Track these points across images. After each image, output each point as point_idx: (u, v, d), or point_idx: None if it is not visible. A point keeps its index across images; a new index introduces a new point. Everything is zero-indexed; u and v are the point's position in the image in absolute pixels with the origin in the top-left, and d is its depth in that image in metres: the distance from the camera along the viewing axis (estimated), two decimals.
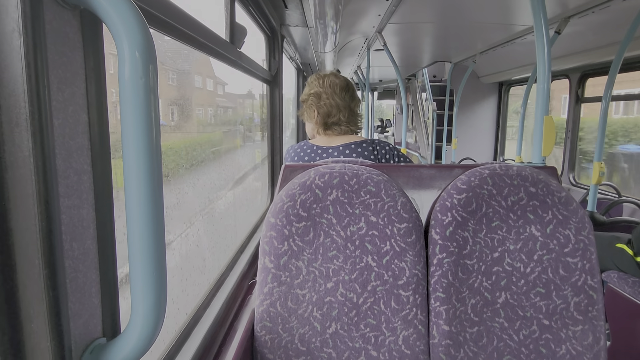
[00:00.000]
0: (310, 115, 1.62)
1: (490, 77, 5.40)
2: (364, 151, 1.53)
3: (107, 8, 0.45)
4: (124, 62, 0.46)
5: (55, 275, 0.45)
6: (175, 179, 1.27)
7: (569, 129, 3.89)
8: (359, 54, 4.55)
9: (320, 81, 1.60)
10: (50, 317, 0.44)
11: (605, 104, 2.50)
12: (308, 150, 1.55)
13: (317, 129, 1.62)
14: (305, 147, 1.57)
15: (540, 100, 1.46)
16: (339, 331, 1.04)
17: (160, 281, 0.50)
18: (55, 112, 0.45)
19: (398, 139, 8.01)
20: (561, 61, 3.61)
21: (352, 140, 1.56)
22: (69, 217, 0.48)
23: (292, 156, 1.57)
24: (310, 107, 1.61)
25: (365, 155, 1.53)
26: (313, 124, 1.62)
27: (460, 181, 1.09)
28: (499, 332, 1.06)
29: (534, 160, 1.46)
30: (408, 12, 2.73)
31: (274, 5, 1.94)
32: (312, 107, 1.60)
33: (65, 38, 0.47)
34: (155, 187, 0.48)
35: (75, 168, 0.49)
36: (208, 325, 1.02)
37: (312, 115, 1.60)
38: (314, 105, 1.59)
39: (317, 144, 1.57)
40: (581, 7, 2.45)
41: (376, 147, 1.56)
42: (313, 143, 1.58)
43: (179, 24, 0.88)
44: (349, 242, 1.04)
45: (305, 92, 1.64)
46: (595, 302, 1.07)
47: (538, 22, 1.42)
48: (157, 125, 0.48)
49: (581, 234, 1.07)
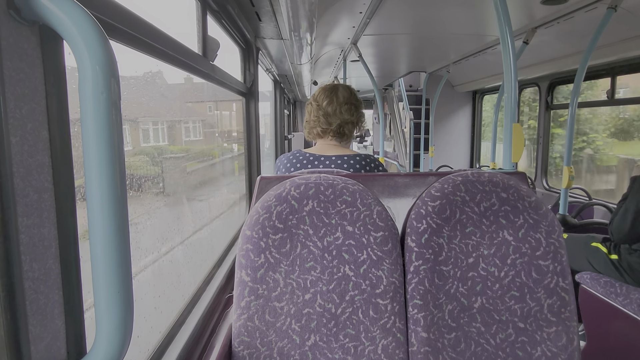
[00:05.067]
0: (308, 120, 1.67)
1: (464, 86, 5.54)
2: (357, 164, 1.55)
3: (65, 23, 0.44)
4: (85, 77, 0.45)
5: (14, 298, 0.43)
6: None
7: (540, 135, 4.01)
8: (335, 65, 4.61)
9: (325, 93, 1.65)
10: (8, 342, 0.43)
11: (572, 110, 2.59)
12: (300, 158, 1.57)
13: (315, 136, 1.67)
14: (298, 155, 1.59)
15: (508, 108, 1.50)
16: (318, 343, 1.03)
17: (126, 298, 0.49)
18: (12, 130, 0.44)
19: (377, 149, 8.10)
20: (531, 70, 3.74)
21: (346, 153, 1.59)
22: (28, 236, 0.46)
23: (285, 163, 1.59)
24: (309, 113, 1.66)
25: (357, 168, 1.55)
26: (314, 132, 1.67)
27: (434, 189, 1.10)
28: (476, 337, 1.07)
29: (504, 167, 1.50)
30: (382, 24, 2.79)
31: (248, 18, 1.95)
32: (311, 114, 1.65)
33: (23, 54, 0.46)
34: (119, 203, 0.47)
35: (35, 186, 0.47)
36: (183, 343, 1.00)
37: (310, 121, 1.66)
38: (313, 112, 1.64)
39: (310, 152, 1.59)
40: (547, 17, 2.55)
41: (370, 163, 1.59)
42: (307, 151, 1.60)
43: (146, 37, 0.87)
44: (326, 253, 1.04)
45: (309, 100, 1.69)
46: (567, 303, 1.09)
47: (504, 33, 1.47)
48: (119, 140, 0.47)
49: (551, 237, 1.10)
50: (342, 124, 1.61)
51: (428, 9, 2.51)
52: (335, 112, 1.60)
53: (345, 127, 1.63)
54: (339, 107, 1.60)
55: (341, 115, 1.60)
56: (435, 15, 2.62)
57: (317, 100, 1.64)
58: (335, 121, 1.60)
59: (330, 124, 1.60)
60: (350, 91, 1.66)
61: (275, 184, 1.10)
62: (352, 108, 1.63)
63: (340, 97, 1.62)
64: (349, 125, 1.63)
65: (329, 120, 1.60)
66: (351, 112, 1.63)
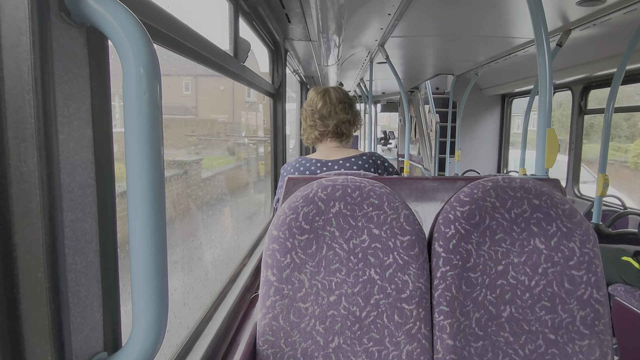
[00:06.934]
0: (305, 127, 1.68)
1: (493, 90, 5.41)
2: (365, 164, 1.56)
3: (113, 25, 0.46)
4: (129, 77, 0.46)
5: (58, 289, 0.45)
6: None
7: (573, 141, 3.88)
8: (361, 67, 4.59)
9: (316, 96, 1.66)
10: (52, 331, 0.44)
11: (608, 116, 2.50)
12: (307, 164, 1.57)
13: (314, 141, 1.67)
14: (304, 162, 1.58)
15: (542, 113, 1.46)
16: (342, 345, 1.03)
17: (162, 295, 0.50)
18: (60, 127, 0.46)
19: (401, 151, 8.02)
20: (563, 73, 3.62)
21: (352, 154, 1.60)
22: (72, 230, 0.48)
23: (292, 172, 1.58)
24: (305, 119, 1.67)
25: (366, 167, 1.55)
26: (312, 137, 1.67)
27: (463, 193, 1.08)
28: (504, 347, 1.04)
29: (536, 172, 1.46)
30: (410, 25, 2.76)
31: (278, 20, 1.97)
32: (307, 120, 1.66)
33: (72, 55, 0.48)
34: (158, 201, 0.48)
35: (79, 182, 0.49)
36: (210, 339, 1.01)
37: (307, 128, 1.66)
38: (309, 118, 1.65)
39: (316, 158, 1.59)
40: (582, 20, 2.47)
41: (376, 160, 1.60)
42: (312, 157, 1.60)
43: (184, 40, 0.89)
44: (351, 255, 1.04)
45: (304, 106, 1.70)
46: (601, 316, 1.05)
47: (539, 34, 1.43)
48: (160, 139, 0.48)
49: (586, 247, 1.06)
50: (339, 123, 1.62)
51: (458, 10, 2.47)
52: (331, 112, 1.61)
53: (342, 127, 1.64)
54: (333, 108, 1.61)
55: (337, 115, 1.62)
56: (465, 16, 2.58)
57: (310, 105, 1.65)
58: (332, 122, 1.62)
59: (327, 125, 1.62)
60: (341, 91, 1.68)
61: (303, 184, 1.11)
62: (346, 107, 1.65)
63: (333, 97, 1.63)
64: (346, 124, 1.65)
65: (326, 122, 1.62)
66: (346, 111, 1.64)
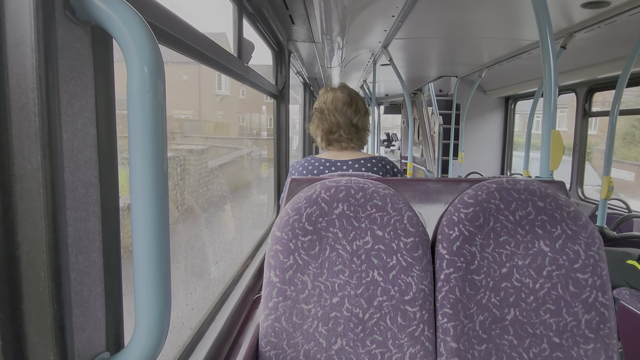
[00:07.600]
0: (314, 130, 1.66)
1: (497, 92, 5.40)
2: (374, 167, 1.55)
3: (117, 24, 0.46)
4: (133, 76, 0.46)
5: (61, 289, 0.45)
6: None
7: (577, 144, 3.87)
8: (365, 69, 4.59)
9: (324, 96, 1.64)
10: (54, 331, 0.44)
11: (613, 118, 2.48)
12: (316, 164, 1.56)
13: (322, 143, 1.65)
14: (312, 161, 1.58)
15: (547, 115, 1.45)
16: (345, 347, 1.02)
17: (165, 295, 0.50)
18: (64, 126, 0.46)
19: (405, 153, 8.01)
20: (568, 75, 3.61)
21: (361, 156, 1.58)
22: (75, 229, 0.48)
23: (300, 171, 1.58)
24: (313, 122, 1.65)
25: (374, 171, 1.54)
26: (319, 138, 1.65)
27: (467, 195, 1.08)
28: (508, 350, 1.04)
29: (541, 175, 1.45)
30: (414, 27, 2.76)
31: (281, 21, 1.97)
32: (315, 122, 1.63)
33: (77, 53, 0.48)
34: (161, 201, 0.48)
35: (82, 181, 0.49)
36: (212, 341, 1.01)
37: (316, 131, 1.64)
38: (317, 119, 1.62)
39: (325, 158, 1.58)
40: (587, 22, 2.46)
41: (386, 165, 1.58)
42: (321, 157, 1.59)
43: (188, 40, 0.89)
44: (354, 257, 1.03)
45: (314, 106, 1.68)
46: (607, 319, 1.04)
47: (544, 36, 1.42)
48: (164, 138, 0.48)
49: (591, 250, 1.05)
50: (350, 124, 1.60)
51: (462, 12, 2.46)
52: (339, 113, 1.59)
53: (353, 128, 1.61)
54: (343, 108, 1.59)
55: (346, 116, 1.59)
56: (469, 18, 2.57)
57: (319, 108, 1.62)
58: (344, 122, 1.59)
59: (340, 127, 1.59)
60: (349, 91, 1.65)
61: (306, 186, 1.10)
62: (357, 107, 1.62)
63: (342, 98, 1.61)
64: (357, 125, 1.62)
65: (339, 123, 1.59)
66: (356, 111, 1.61)
